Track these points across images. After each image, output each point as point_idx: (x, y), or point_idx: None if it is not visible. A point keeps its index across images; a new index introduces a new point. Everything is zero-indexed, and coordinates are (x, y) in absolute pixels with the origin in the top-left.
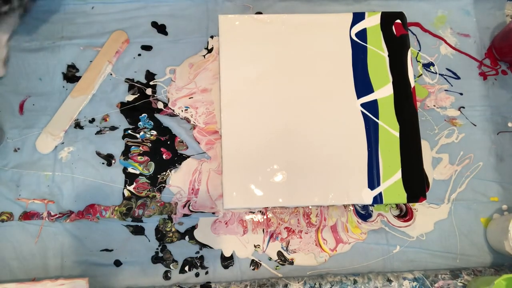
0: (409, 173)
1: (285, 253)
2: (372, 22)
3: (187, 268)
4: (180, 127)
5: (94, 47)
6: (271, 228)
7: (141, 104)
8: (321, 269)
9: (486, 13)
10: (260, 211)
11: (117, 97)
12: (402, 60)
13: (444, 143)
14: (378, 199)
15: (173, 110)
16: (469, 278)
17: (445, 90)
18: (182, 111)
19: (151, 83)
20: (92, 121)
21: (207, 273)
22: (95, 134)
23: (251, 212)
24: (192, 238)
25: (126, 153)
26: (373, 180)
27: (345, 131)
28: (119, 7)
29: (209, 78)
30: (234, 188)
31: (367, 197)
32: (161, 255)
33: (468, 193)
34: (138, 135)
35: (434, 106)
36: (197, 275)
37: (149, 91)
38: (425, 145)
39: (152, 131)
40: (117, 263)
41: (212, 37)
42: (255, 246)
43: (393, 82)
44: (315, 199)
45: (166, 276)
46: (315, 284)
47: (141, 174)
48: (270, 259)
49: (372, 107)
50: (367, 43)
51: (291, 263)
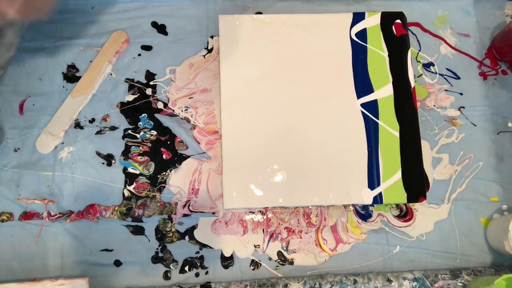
0: (409, 173)
1: (285, 253)
2: (372, 22)
3: (187, 268)
4: (180, 127)
5: (94, 47)
6: (271, 228)
7: (141, 104)
8: (321, 269)
9: (486, 13)
10: (260, 211)
11: (117, 97)
12: (402, 60)
13: (444, 143)
14: (378, 199)
15: (173, 110)
16: (469, 278)
17: (445, 90)
18: (182, 111)
19: (151, 83)
20: (92, 121)
21: (207, 273)
22: (95, 134)
23: (251, 212)
24: (192, 238)
25: (126, 153)
26: (373, 180)
27: (345, 131)
28: (119, 7)
29: (209, 78)
30: (234, 188)
31: (367, 197)
32: (161, 255)
33: (468, 193)
34: (138, 135)
35: (434, 106)
36: (197, 275)
37: (149, 91)
38: (425, 145)
39: (152, 131)
40: (117, 263)
41: (212, 37)
42: (255, 246)
43: (393, 82)
44: (315, 199)
45: (166, 276)
46: (315, 284)
47: (141, 174)
48: (270, 259)
49: (372, 107)
50: (367, 43)
51: (291, 263)
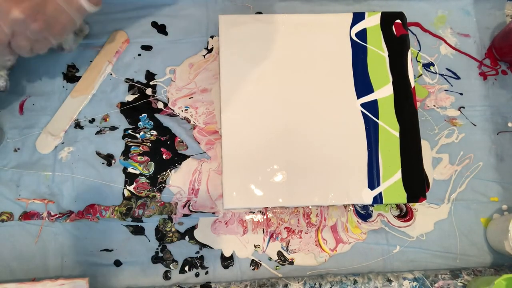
0: (409, 173)
1: (285, 253)
2: (372, 22)
3: (187, 268)
4: (180, 127)
5: (94, 47)
6: (271, 228)
7: (141, 104)
8: (321, 269)
9: (486, 13)
10: (260, 211)
11: (117, 97)
12: (402, 60)
13: (444, 143)
14: (378, 199)
15: (173, 110)
16: (469, 278)
17: (445, 90)
18: (182, 111)
19: (151, 83)
20: (92, 121)
21: (207, 273)
22: (95, 134)
23: (251, 212)
24: (192, 238)
25: (126, 153)
26: (373, 180)
27: (345, 131)
28: (119, 7)
29: (209, 78)
30: (234, 188)
31: (367, 197)
32: (161, 255)
33: (468, 193)
34: (138, 135)
35: (434, 106)
36: (197, 275)
37: (149, 91)
38: (425, 145)
39: (152, 131)
40: (117, 263)
41: (212, 37)
42: (255, 246)
43: (393, 82)
44: (315, 199)
45: (166, 276)
46: (315, 284)
47: (141, 174)
48: (270, 259)
49: (372, 107)
50: (367, 43)
51: (291, 263)
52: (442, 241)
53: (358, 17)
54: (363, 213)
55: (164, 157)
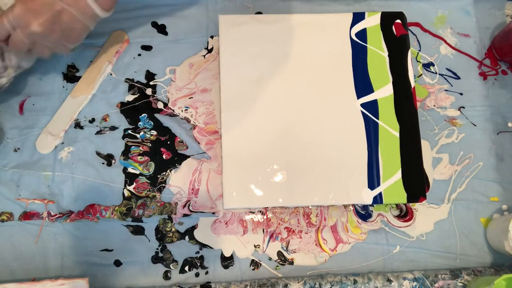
0: (409, 173)
1: (285, 253)
2: (372, 22)
3: (187, 268)
4: (180, 127)
5: (94, 47)
6: (271, 228)
7: (141, 104)
8: (321, 269)
9: (486, 13)
10: (260, 211)
11: (117, 97)
12: (402, 60)
13: (444, 143)
14: (378, 199)
15: (173, 110)
16: (469, 278)
17: (445, 90)
18: (182, 111)
19: (151, 83)
20: (92, 121)
21: (207, 273)
22: (95, 134)
23: (251, 212)
24: (192, 238)
25: (126, 153)
26: (373, 180)
27: (345, 131)
28: (119, 7)
29: (209, 78)
30: (234, 188)
31: (367, 197)
32: (161, 255)
33: (468, 193)
34: (138, 135)
35: (434, 106)
36: (197, 275)
37: (149, 91)
38: (425, 145)
39: (152, 131)
40: (117, 263)
41: (212, 37)
42: (255, 246)
43: (393, 82)
44: (315, 199)
45: (166, 276)
46: (315, 284)
47: (141, 174)
48: (270, 259)
49: (372, 107)
50: (367, 43)
51: (291, 263)
52: (442, 241)
53: (358, 17)
54: (363, 213)
55: (164, 157)
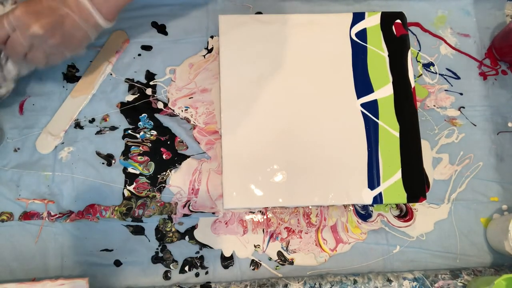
0: (409, 173)
1: (285, 253)
2: (372, 22)
3: (187, 268)
4: (180, 127)
5: (94, 47)
6: (271, 228)
7: (141, 104)
8: (321, 269)
9: (486, 13)
10: (260, 211)
11: (117, 97)
12: (402, 60)
13: (444, 143)
14: (378, 199)
15: (173, 110)
16: (469, 278)
17: (445, 90)
18: (182, 111)
19: (151, 83)
20: (92, 121)
21: (207, 273)
22: (95, 134)
23: (251, 212)
24: (192, 238)
25: (126, 153)
26: (373, 180)
27: (345, 131)
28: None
29: (209, 78)
30: (234, 188)
31: (367, 197)
32: (161, 255)
33: (468, 193)
34: (138, 135)
35: (434, 106)
36: (197, 275)
37: (149, 91)
38: (425, 145)
39: (152, 131)
40: (117, 263)
41: (212, 37)
42: (255, 246)
43: (393, 82)
44: (315, 199)
45: (166, 276)
46: (315, 284)
47: (141, 174)
48: (270, 259)
49: (372, 107)
50: (367, 43)
51: (291, 263)
52: (442, 241)
53: (358, 17)
54: (363, 213)
55: (164, 157)
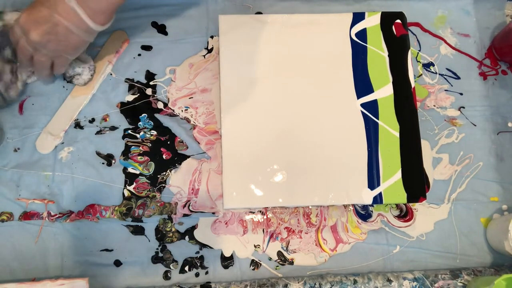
0: (409, 173)
1: (285, 253)
2: (372, 22)
3: (187, 268)
4: (180, 127)
5: (94, 47)
6: (271, 228)
7: (141, 104)
8: (321, 269)
9: (486, 13)
10: (260, 211)
11: (117, 97)
12: (402, 60)
13: (444, 143)
14: (378, 199)
15: (173, 110)
16: (469, 278)
17: (445, 90)
18: (182, 111)
19: (151, 83)
20: (92, 121)
21: (207, 273)
22: (95, 134)
23: (251, 212)
24: (192, 238)
25: (126, 153)
26: (373, 180)
27: (345, 131)
28: (119, 7)
29: (209, 78)
30: (234, 188)
31: (367, 197)
32: (161, 255)
33: (468, 193)
34: (138, 135)
35: (434, 106)
36: (197, 275)
37: (149, 91)
38: (425, 145)
39: (152, 131)
40: (117, 263)
41: (212, 37)
42: (255, 246)
43: (393, 82)
44: (315, 199)
45: (166, 276)
46: (315, 284)
47: (141, 174)
48: (270, 259)
49: (372, 107)
50: (367, 43)
51: (291, 263)
52: (442, 241)
53: (358, 17)
54: (363, 213)
55: (164, 157)
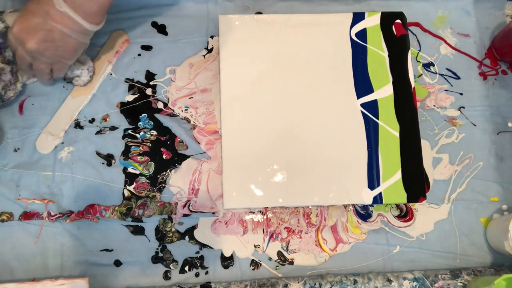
0: (409, 173)
1: (285, 253)
2: (372, 22)
3: (187, 268)
4: (180, 127)
5: (94, 47)
6: (271, 228)
7: (141, 104)
8: (321, 269)
9: (486, 13)
10: (260, 211)
11: (117, 97)
12: (402, 60)
13: (444, 143)
14: (378, 199)
15: (173, 110)
16: (469, 278)
17: (445, 90)
18: (182, 111)
19: (151, 83)
20: (92, 121)
21: (207, 273)
22: (95, 134)
23: (251, 212)
24: (192, 238)
25: (126, 153)
26: (373, 180)
27: (345, 131)
28: (119, 7)
29: (209, 78)
30: (234, 188)
31: (367, 197)
32: (161, 255)
33: (468, 193)
34: (138, 135)
35: (434, 106)
36: (197, 275)
37: (149, 91)
38: (425, 145)
39: (152, 131)
40: (117, 263)
41: (212, 37)
42: (255, 246)
43: (393, 82)
44: (315, 199)
45: (166, 276)
46: (315, 284)
47: (141, 174)
48: (270, 259)
49: (372, 107)
50: (367, 43)
51: (291, 263)
52: (442, 241)
53: (358, 17)
54: (363, 213)
55: (164, 157)
